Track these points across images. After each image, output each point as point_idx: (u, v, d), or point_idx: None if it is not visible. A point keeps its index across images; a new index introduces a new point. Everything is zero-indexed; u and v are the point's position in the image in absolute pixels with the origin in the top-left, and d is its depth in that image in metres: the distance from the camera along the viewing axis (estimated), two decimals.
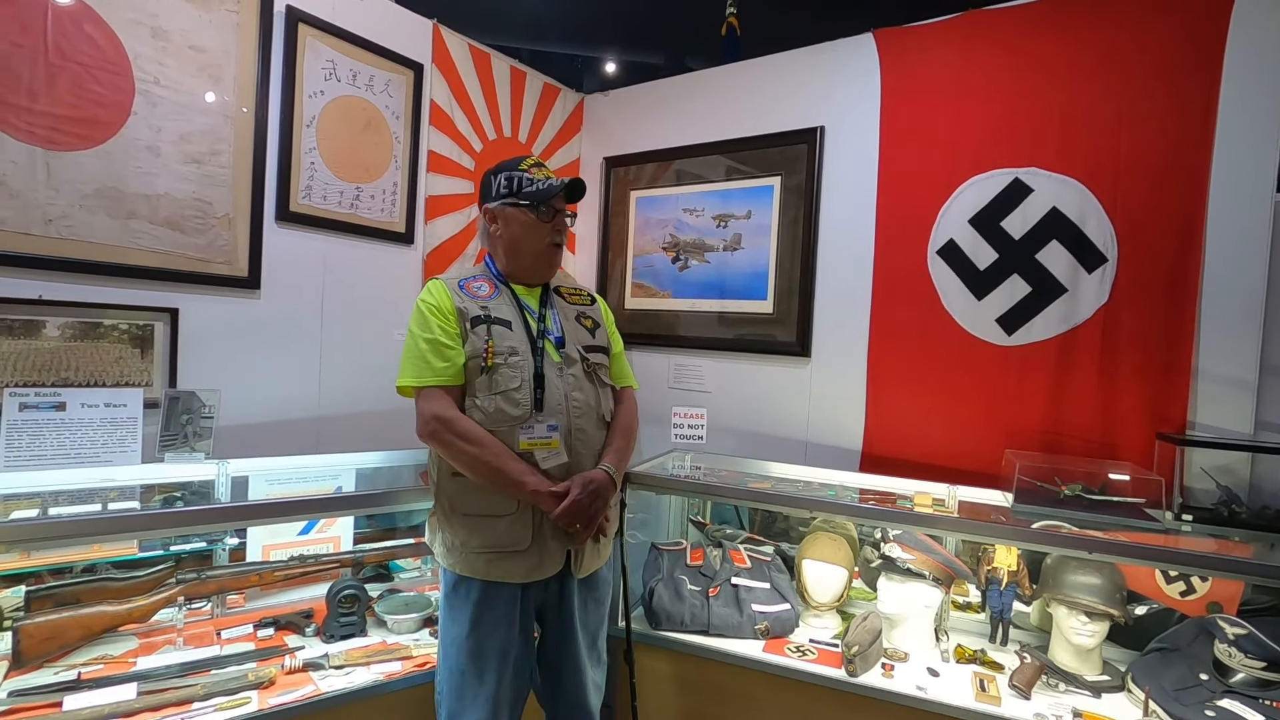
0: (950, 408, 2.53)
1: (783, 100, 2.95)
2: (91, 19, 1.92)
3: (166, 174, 2.09)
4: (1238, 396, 2.11)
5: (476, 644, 1.49)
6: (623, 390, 1.73)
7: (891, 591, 1.99)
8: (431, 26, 2.84)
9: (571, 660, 1.59)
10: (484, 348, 1.49)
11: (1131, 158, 2.25)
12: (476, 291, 1.57)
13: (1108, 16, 2.29)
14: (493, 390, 1.49)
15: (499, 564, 1.48)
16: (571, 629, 1.57)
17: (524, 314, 1.58)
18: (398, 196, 2.76)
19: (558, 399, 1.52)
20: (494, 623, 1.49)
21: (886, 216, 2.69)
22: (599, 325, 1.71)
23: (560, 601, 1.57)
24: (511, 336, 1.53)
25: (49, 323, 1.91)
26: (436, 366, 1.49)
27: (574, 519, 1.46)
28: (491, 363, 1.49)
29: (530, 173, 1.58)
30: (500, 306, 1.56)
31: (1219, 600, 1.86)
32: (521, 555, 1.48)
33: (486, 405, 1.48)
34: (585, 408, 1.57)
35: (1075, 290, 2.34)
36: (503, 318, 1.54)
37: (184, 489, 1.96)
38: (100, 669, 1.65)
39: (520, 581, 1.50)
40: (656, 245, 3.31)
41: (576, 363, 1.59)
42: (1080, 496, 2.04)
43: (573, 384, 1.56)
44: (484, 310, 1.54)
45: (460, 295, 1.55)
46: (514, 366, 1.50)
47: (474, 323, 1.51)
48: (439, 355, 1.49)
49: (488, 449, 1.44)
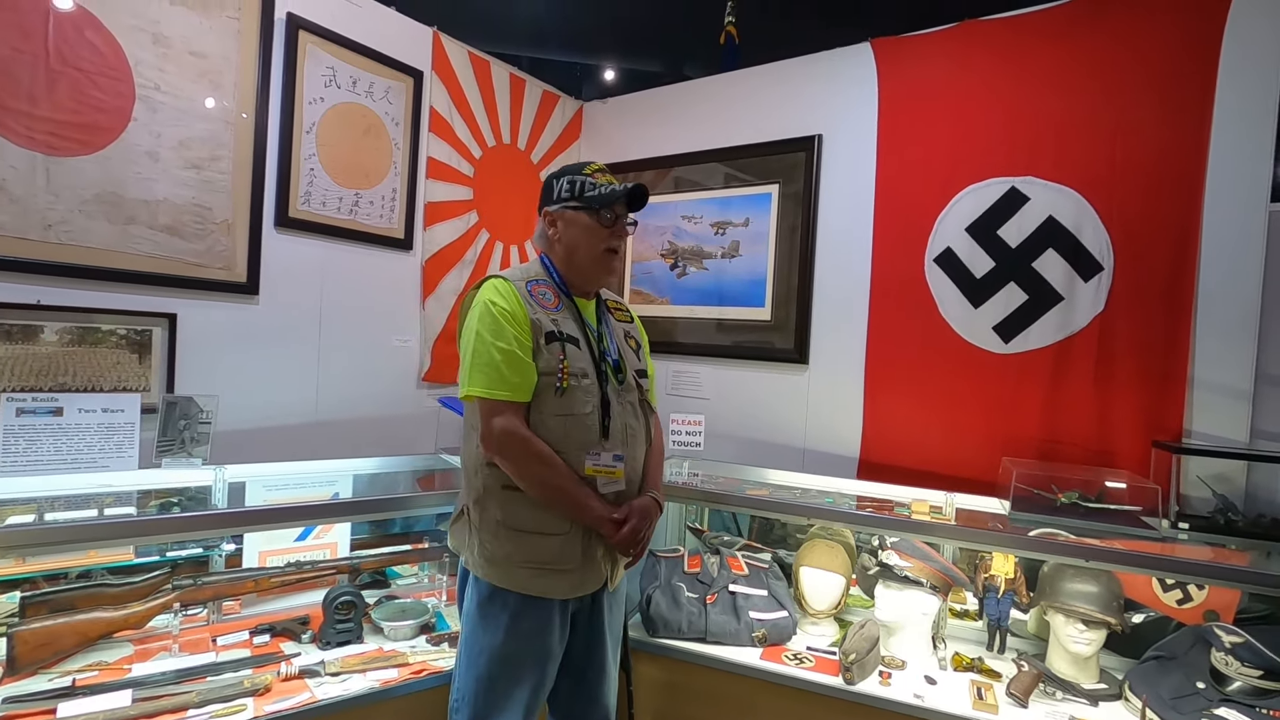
0: (947, 415, 2.54)
1: (781, 108, 2.97)
2: (92, 25, 1.93)
3: (166, 179, 2.09)
4: (1233, 405, 2.12)
5: (512, 653, 1.48)
6: (653, 413, 1.75)
7: (889, 599, 1.99)
8: (431, 34, 2.86)
9: (599, 663, 1.61)
10: (559, 367, 1.47)
11: (1127, 167, 2.26)
12: (543, 300, 1.54)
13: (1103, 27, 2.31)
14: (566, 412, 1.48)
15: (542, 579, 1.48)
16: (601, 634, 1.60)
17: (586, 331, 1.58)
18: (397, 203, 2.76)
19: (620, 426, 1.54)
20: (530, 633, 1.48)
21: (884, 224, 2.70)
22: (640, 346, 1.72)
23: (592, 610, 1.59)
24: (581, 357, 1.52)
25: (47, 327, 1.91)
26: (511, 381, 1.45)
27: (631, 545, 1.50)
28: (567, 385, 1.48)
29: (594, 178, 1.57)
30: (567, 321, 1.55)
31: (1216, 608, 1.86)
32: (567, 573, 1.49)
33: (556, 427, 1.47)
34: (638, 435, 1.60)
35: (1071, 299, 2.35)
36: (572, 335, 1.53)
37: (181, 494, 1.95)
38: (95, 675, 1.64)
39: (565, 596, 1.51)
40: (655, 252, 3.32)
41: (633, 390, 1.61)
42: (1077, 504, 2.04)
43: (630, 411, 1.58)
44: (555, 324, 1.52)
45: (531, 304, 1.51)
46: (586, 390, 1.50)
47: (549, 338, 1.49)
48: (514, 369, 1.45)
49: (558, 471, 1.45)
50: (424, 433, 2.93)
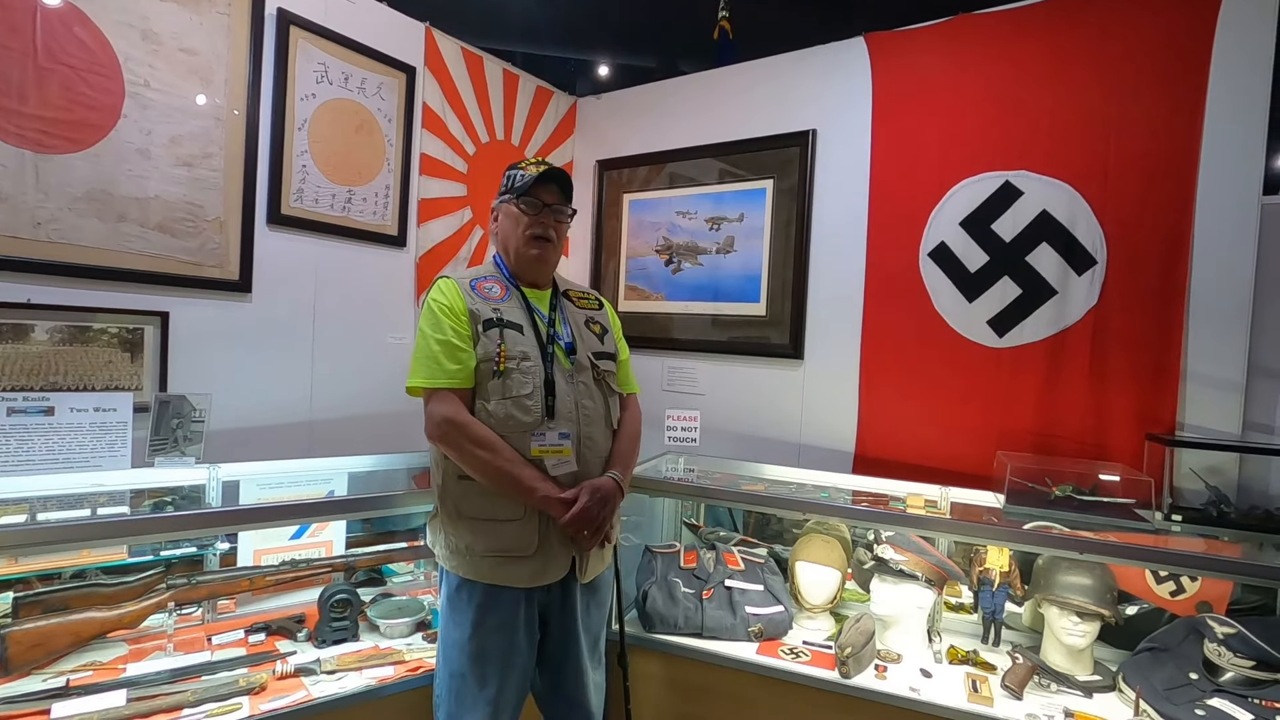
0: (942, 409, 2.55)
1: (775, 103, 2.96)
2: (81, 21, 1.91)
3: (157, 177, 2.08)
4: (1226, 397, 2.13)
5: (479, 647, 1.48)
6: (628, 397, 1.73)
7: (884, 593, 2.00)
8: (424, 29, 2.84)
9: (574, 662, 1.58)
10: (496, 351, 1.48)
11: (1120, 161, 2.27)
12: (488, 293, 1.56)
13: (1096, 21, 2.31)
14: (504, 395, 1.48)
15: (504, 568, 1.48)
16: (574, 631, 1.57)
17: (534, 318, 1.57)
18: (390, 199, 2.75)
19: (569, 406, 1.52)
20: (497, 626, 1.48)
21: (878, 219, 2.70)
22: (607, 331, 1.71)
23: (564, 605, 1.56)
24: (523, 341, 1.52)
25: (38, 326, 1.89)
26: (449, 368, 1.47)
27: (582, 526, 1.46)
28: (504, 367, 1.48)
29: (525, 170, 1.59)
30: (512, 309, 1.56)
31: (1208, 600, 1.87)
32: (527, 560, 1.48)
33: (498, 410, 1.47)
34: (594, 415, 1.57)
35: (1065, 292, 2.35)
36: (514, 321, 1.54)
37: (174, 494, 1.94)
38: (89, 676, 1.63)
39: (525, 586, 1.49)
40: (650, 248, 3.31)
41: (587, 370, 1.58)
42: (1071, 497, 2.05)
43: (583, 391, 1.56)
44: (496, 313, 1.52)
45: (472, 296, 1.54)
46: (526, 372, 1.49)
47: (486, 325, 1.50)
48: (451, 357, 1.48)
49: (500, 454, 1.44)
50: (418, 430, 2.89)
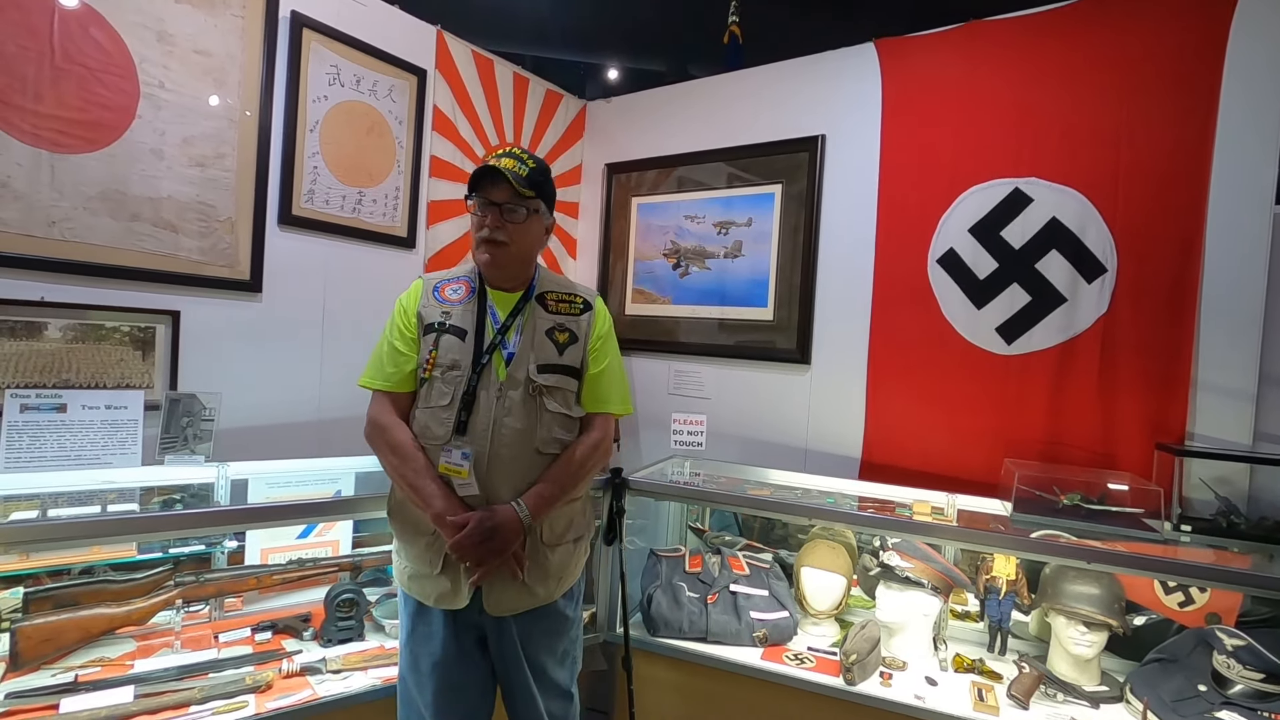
0: (950, 416, 2.54)
1: (784, 108, 2.96)
2: (97, 22, 1.93)
3: (170, 177, 2.10)
4: (1237, 407, 2.12)
5: (411, 655, 1.48)
6: (594, 417, 1.53)
7: (890, 600, 1.99)
8: (435, 33, 2.86)
9: (522, 688, 1.48)
10: (426, 358, 1.44)
11: (1131, 169, 2.26)
12: (450, 295, 1.50)
13: (1107, 28, 2.30)
14: (426, 404, 1.44)
15: (417, 583, 1.45)
16: (514, 659, 1.46)
17: (486, 323, 1.47)
18: (400, 201, 2.77)
19: (484, 424, 1.40)
20: (424, 636, 1.46)
21: (887, 225, 2.70)
22: (575, 340, 1.51)
23: (499, 631, 1.45)
24: (459, 348, 1.44)
25: (50, 324, 1.91)
26: (386, 371, 1.46)
27: (463, 555, 1.35)
28: (430, 375, 1.43)
29: None
30: (464, 314, 1.47)
31: (1218, 611, 1.86)
32: (433, 580, 1.41)
33: (419, 418, 1.44)
34: (514, 435, 1.41)
35: (1075, 300, 2.34)
36: (459, 326, 1.46)
37: (183, 491, 1.96)
38: (98, 671, 1.64)
39: (433, 605, 1.43)
40: (658, 251, 3.31)
41: (520, 385, 1.43)
42: (1079, 506, 2.04)
43: (506, 409, 1.41)
44: (445, 316, 1.47)
45: (429, 298, 1.50)
46: (449, 382, 1.42)
47: (427, 330, 1.46)
48: (391, 359, 1.46)
49: (408, 464, 1.39)
50: None
